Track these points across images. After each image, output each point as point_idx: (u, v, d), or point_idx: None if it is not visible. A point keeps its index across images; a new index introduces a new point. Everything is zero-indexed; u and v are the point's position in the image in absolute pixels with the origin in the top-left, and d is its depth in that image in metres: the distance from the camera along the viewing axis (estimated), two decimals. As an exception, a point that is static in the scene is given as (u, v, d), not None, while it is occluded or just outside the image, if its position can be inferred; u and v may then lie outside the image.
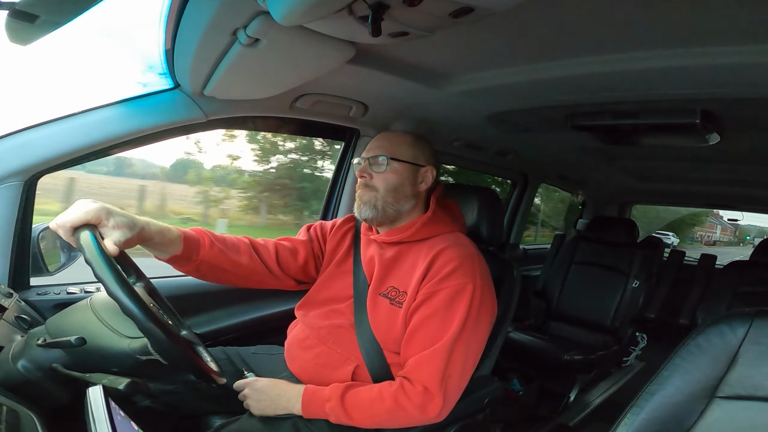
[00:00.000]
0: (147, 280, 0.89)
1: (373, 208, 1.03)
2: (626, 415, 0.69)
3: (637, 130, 1.36)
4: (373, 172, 1.04)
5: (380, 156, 1.04)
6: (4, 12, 0.70)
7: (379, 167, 1.04)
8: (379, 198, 1.03)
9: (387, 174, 1.03)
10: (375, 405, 0.88)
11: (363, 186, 1.05)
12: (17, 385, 0.72)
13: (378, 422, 0.89)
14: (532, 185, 2.67)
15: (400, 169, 1.04)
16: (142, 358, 0.72)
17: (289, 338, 1.10)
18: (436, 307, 0.93)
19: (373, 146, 1.07)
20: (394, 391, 0.88)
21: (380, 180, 1.03)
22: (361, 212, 1.05)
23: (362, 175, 1.05)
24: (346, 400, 0.89)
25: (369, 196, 1.04)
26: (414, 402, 0.87)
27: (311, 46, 0.87)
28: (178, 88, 1.13)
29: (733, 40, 0.81)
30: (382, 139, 1.09)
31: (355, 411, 0.88)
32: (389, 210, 1.04)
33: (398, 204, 1.04)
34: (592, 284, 2.53)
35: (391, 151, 1.04)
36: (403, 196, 1.05)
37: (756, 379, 0.62)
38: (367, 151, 1.07)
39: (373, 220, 1.05)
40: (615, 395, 2.44)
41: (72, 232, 0.74)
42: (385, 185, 1.03)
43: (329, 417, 0.89)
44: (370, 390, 0.90)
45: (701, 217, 7.79)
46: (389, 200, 1.03)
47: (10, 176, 0.96)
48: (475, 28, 0.82)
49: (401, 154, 1.05)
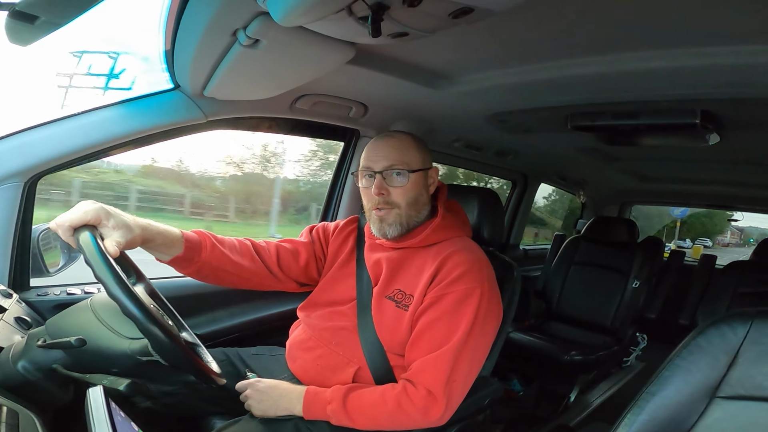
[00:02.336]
0: (147, 282, 0.89)
1: (399, 226, 1.00)
2: (626, 415, 0.69)
3: (637, 130, 1.36)
4: (391, 186, 0.99)
5: (397, 169, 0.98)
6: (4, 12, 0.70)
7: (398, 181, 0.98)
8: (403, 215, 0.99)
9: (407, 187, 0.99)
10: (377, 408, 0.88)
11: (383, 203, 0.99)
12: (17, 385, 0.72)
13: (379, 425, 0.89)
14: (532, 185, 2.67)
15: (416, 178, 1.00)
16: (143, 359, 0.72)
17: (291, 339, 1.10)
18: (443, 310, 0.92)
19: (380, 157, 1.00)
20: (396, 394, 0.88)
21: (399, 194, 0.99)
22: (388, 233, 1.00)
23: (381, 193, 0.98)
24: (348, 402, 0.88)
25: (393, 216, 0.99)
26: (417, 405, 0.87)
27: (311, 46, 0.87)
28: (178, 89, 1.13)
29: (733, 40, 0.82)
30: (385, 148, 1.01)
31: (356, 413, 0.88)
32: (412, 223, 1.01)
33: (419, 214, 1.02)
34: (592, 284, 2.52)
35: (405, 162, 0.99)
36: (422, 205, 1.03)
37: (756, 379, 0.62)
38: (374, 162, 1.00)
39: (398, 236, 1.01)
40: (615, 396, 2.43)
41: (71, 233, 0.74)
42: (406, 200, 0.99)
43: (330, 419, 0.88)
44: (373, 392, 0.90)
45: (725, 224, 8.35)
46: (412, 213, 1.01)
47: (10, 177, 0.96)
48: (474, 28, 0.82)
49: (414, 162, 1.00)
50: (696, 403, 0.65)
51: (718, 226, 8.92)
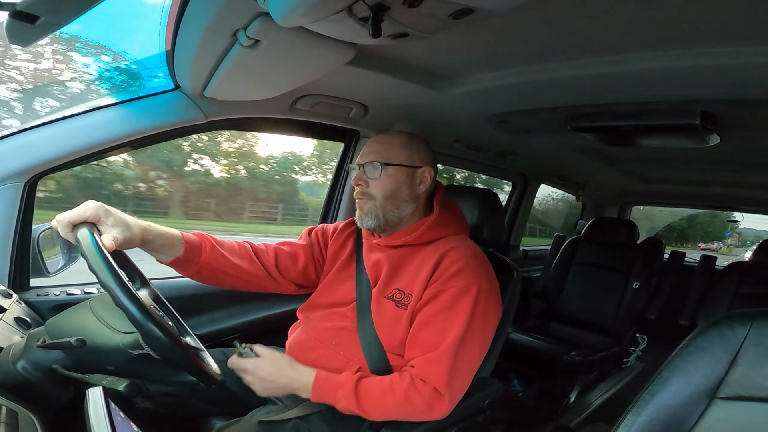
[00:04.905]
0: (152, 288, 0.90)
1: (374, 218, 1.02)
2: (626, 416, 0.69)
3: (637, 131, 1.36)
4: (369, 178, 1.02)
5: (373, 162, 1.02)
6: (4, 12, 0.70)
7: (373, 174, 1.02)
8: (378, 206, 1.02)
9: (382, 180, 1.01)
10: (386, 397, 0.88)
11: (360, 194, 1.03)
12: (17, 386, 0.72)
13: (386, 414, 0.89)
14: (532, 186, 2.67)
15: (395, 173, 1.02)
16: (135, 353, 0.72)
17: (290, 340, 1.10)
18: (440, 306, 0.93)
19: (366, 151, 1.05)
20: (405, 386, 0.88)
21: (376, 187, 1.02)
22: (363, 222, 1.04)
23: (358, 183, 1.03)
24: (360, 388, 0.89)
25: (369, 206, 1.02)
26: (424, 398, 0.87)
27: (311, 47, 0.87)
28: (178, 89, 1.13)
29: (733, 41, 0.82)
30: (374, 143, 1.06)
31: (366, 401, 0.88)
32: (390, 216, 1.03)
33: (398, 210, 1.03)
34: (592, 285, 2.52)
35: (384, 155, 1.02)
36: (402, 201, 1.03)
37: (756, 380, 0.62)
38: (361, 157, 1.05)
39: (375, 228, 1.04)
40: (615, 396, 2.43)
41: (70, 229, 0.74)
42: (381, 192, 1.01)
43: (338, 403, 0.89)
44: (382, 382, 0.90)
45: (730, 227, 8.73)
46: (388, 207, 1.02)
47: (10, 177, 0.96)
48: (475, 29, 0.82)
49: (395, 157, 1.02)
50: (696, 403, 0.65)
51: (719, 231, 9.28)
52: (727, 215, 5.02)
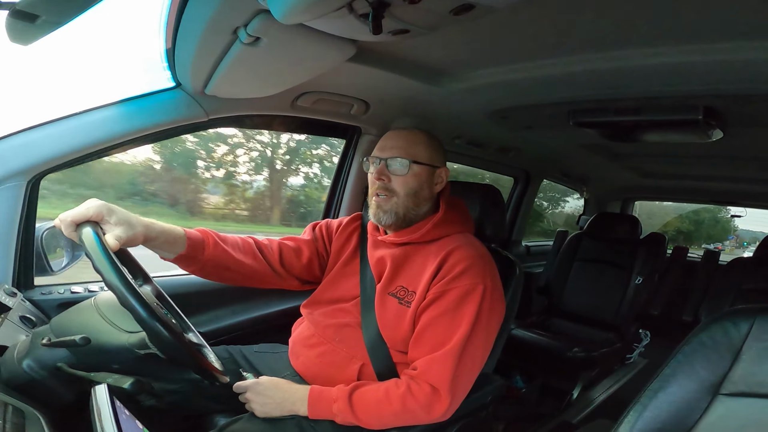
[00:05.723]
0: (154, 285, 0.90)
1: (394, 215, 1.01)
2: (629, 412, 0.69)
3: (640, 126, 1.36)
4: (392, 174, 1.00)
5: (399, 158, 0.99)
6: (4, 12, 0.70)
7: (399, 170, 1.00)
8: (400, 204, 1.00)
9: (407, 178, 1.00)
10: (382, 407, 0.88)
11: (382, 189, 1.00)
12: (22, 384, 0.72)
13: (385, 423, 0.89)
14: (534, 182, 2.66)
15: (420, 171, 1.01)
16: (141, 353, 0.72)
17: (294, 336, 1.10)
18: (445, 306, 0.92)
19: (389, 145, 1.02)
20: (401, 393, 0.88)
21: (400, 183, 1.00)
22: (382, 219, 1.02)
23: (380, 177, 1.00)
24: (354, 400, 0.89)
25: (390, 204, 1.00)
26: (421, 403, 0.87)
27: (312, 44, 0.87)
28: (179, 87, 1.13)
29: (736, 36, 0.81)
30: (397, 138, 1.02)
31: (362, 412, 0.88)
32: (410, 215, 1.02)
33: (418, 208, 1.02)
34: (595, 281, 2.52)
35: (410, 152, 1.00)
36: (423, 200, 1.03)
37: (759, 376, 0.61)
38: (382, 150, 1.02)
39: (392, 225, 1.03)
40: (618, 392, 2.44)
41: (74, 228, 0.74)
42: (405, 189, 1.00)
43: (336, 417, 0.89)
44: (377, 390, 0.90)
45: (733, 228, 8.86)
46: (410, 205, 1.01)
47: (13, 176, 0.96)
48: (476, 25, 0.82)
49: (420, 155, 1.01)
50: (699, 399, 0.65)
51: (722, 235, 9.45)
52: (728, 221, 5.04)
